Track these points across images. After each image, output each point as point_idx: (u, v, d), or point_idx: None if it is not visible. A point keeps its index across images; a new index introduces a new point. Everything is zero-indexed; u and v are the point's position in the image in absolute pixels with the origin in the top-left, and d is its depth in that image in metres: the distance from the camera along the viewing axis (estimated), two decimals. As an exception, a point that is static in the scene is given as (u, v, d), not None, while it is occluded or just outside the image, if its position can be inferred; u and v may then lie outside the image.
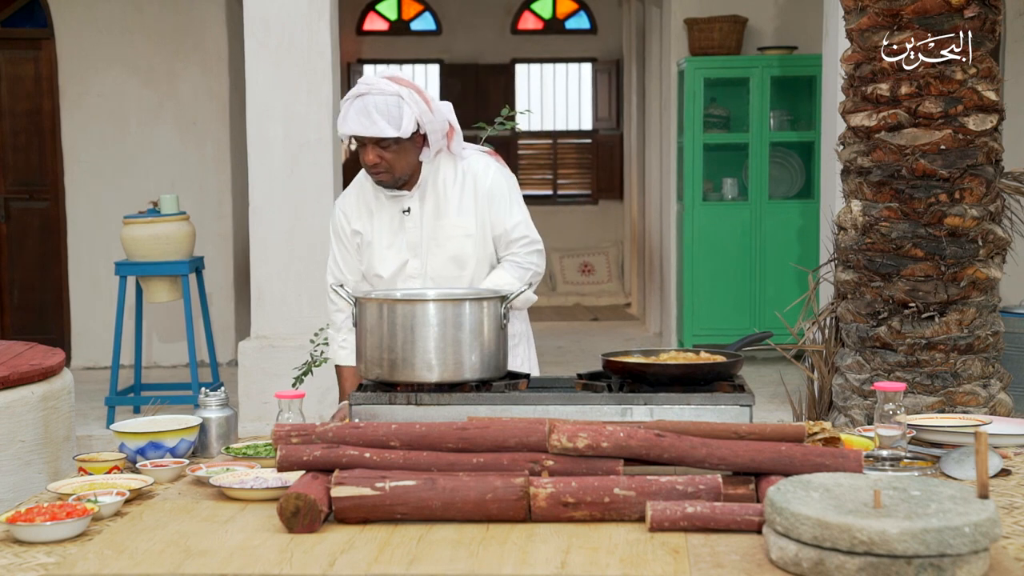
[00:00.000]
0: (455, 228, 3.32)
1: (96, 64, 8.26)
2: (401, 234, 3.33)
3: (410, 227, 3.33)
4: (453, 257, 3.32)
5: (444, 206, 3.33)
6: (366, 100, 3.17)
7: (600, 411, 2.75)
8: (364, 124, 3.17)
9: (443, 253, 3.32)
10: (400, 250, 3.33)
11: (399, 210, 3.33)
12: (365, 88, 3.19)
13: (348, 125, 3.19)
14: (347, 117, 3.19)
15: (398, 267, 3.32)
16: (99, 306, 8.10)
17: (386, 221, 3.34)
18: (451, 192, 3.34)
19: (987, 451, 1.93)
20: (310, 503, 2.12)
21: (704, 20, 7.95)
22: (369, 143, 3.20)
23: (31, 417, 3.94)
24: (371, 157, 3.21)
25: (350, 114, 3.19)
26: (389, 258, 3.33)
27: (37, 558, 2.03)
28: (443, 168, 3.35)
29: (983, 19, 4.21)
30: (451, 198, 3.34)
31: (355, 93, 3.20)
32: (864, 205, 4.40)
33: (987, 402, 4.33)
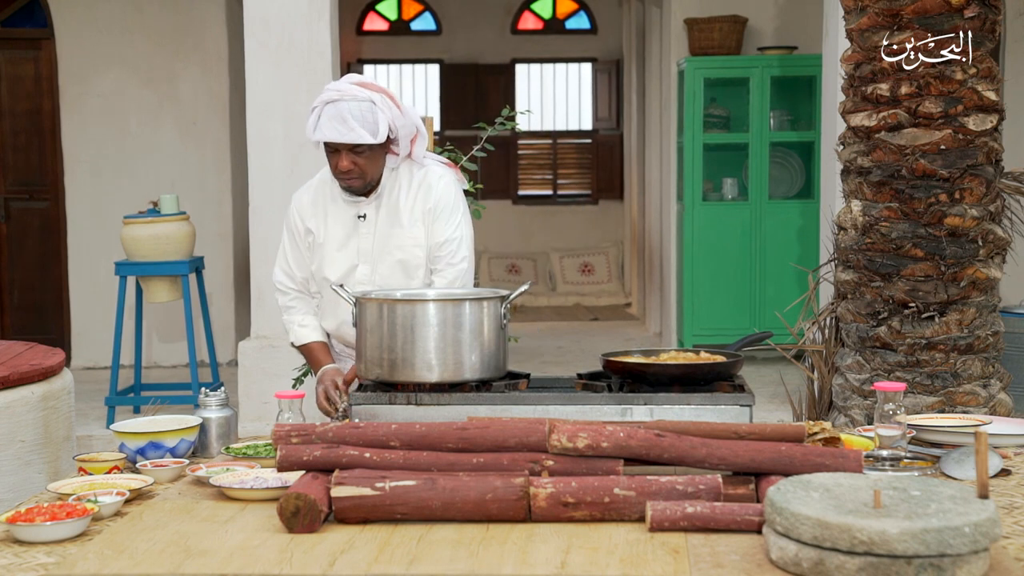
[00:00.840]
0: (407, 237, 3.31)
1: (96, 64, 8.26)
2: (354, 239, 3.32)
3: (363, 233, 3.32)
4: (402, 265, 3.31)
5: (397, 215, 3.32)
6: (339, 106, 3.14)
7: (600, 411, 2.76)
8: (340, 131, 3.13)
9: (392, 260, 3.31)
10: (351, 254, 3.32)
11: (354, 215, 3.33)
12: (336, 95, 3.15)
13: (323, 132, 3.15)
14: (320, 124, 3.15)
15: (347, 271, 3.32)
16: (99, 306, 8.10)
17: (340, 225, 3.33)
18: (405, 201, 3.32)
19: (987, 451, 1.93)
20: (310, 503, 2.12)
21: (704, 20, 7.95)
22: (344, 149, 3.18)
23: (31, 417, 3.94)
24: (345, 163, 3.19)
25: (323, 121, 3.15)
26: (339, 261, 3.32)
27: (37, 558, 2.03)
28: (401, 176, 3.34)
29: (983, 19, 4.21)
30: (404, 207, 3.32)
31: (325, 100, 3.16)
32: (864, 205, 4.40)
33: (987, 402, 4.33)
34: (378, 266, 3.31)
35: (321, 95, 3.18)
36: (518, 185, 12.30)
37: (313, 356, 3.39)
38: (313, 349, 3.40)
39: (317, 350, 3.39)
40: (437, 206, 3.32)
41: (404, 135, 3.25)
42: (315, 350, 3.39)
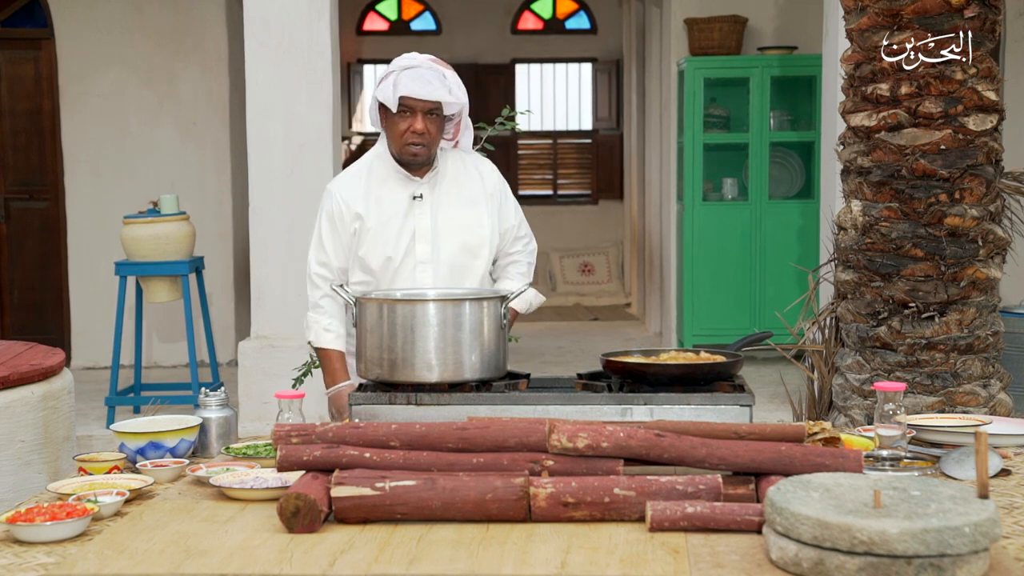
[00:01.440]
0: (470, 217, 3.34)
1: (96, 64, 8.26)
2: (411, 219, 3.31)
3: (420, 212, 3.31)
4: (465, 245, 3.33)
5: (457, 195, 3.35)
6: (418, 71, 3.20)
7: (600, 411, 2.75)
8: (426, 89, 3.18)
9: (456, 240, 3.32)
10: (407, 235, 3.31)
11: (408, 195, 3.32)
12: (412, 62, 3.23)
13: (408, 88, 3.18)
14: (400, 83, 3.19)
15: (404, 251, 3.30)
16: (99, 306, 8.10)
17: (393, 206, 3.31)
18: (462, 183, 3.37)
19: (987, 451, 1.93)
20: (310, 503, 2.12)
21: (704, 20, 7.95)
22: (420, 111, 3.21)
23: (31, 417, 3.94)
24: (420, 125, 3.21)
25: (403, 80, 3.19)
26: (394, 242, 3.30)
27: (37, 558, 2.03)
28: (449, 160, 3.39)
29: (983, 19, 4.21)
30: (463, 189, 3.36)
31: (402, 65, 3.22)
32: (864, 205, 4.40)
33: (987, 402, 4.33)
34: (442, 245, 3.32)
35: (394, 63, 3.24)
36: (518, 185, 12.30)
37: (329, 364, 3.35)
38: (331, 357, 3.36)
39: (335, 359, 3.35)
40: (498, 191, 3.42)
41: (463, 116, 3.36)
42: (332, 359, 3.35)
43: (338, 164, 6.31)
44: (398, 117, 3.23)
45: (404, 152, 3.27)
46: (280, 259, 6.17)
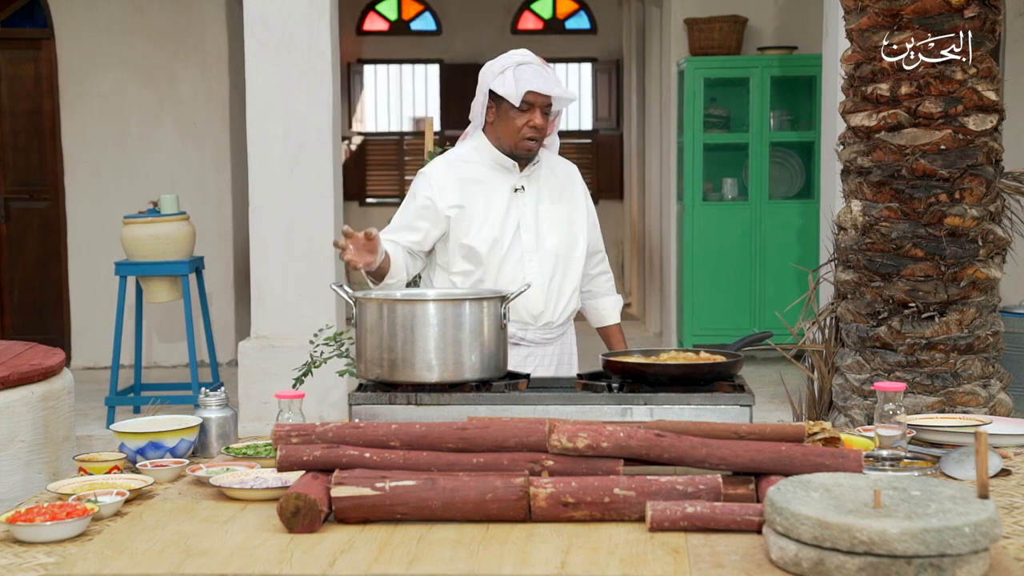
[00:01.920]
0: (567, 213, 3.42)
1: (96, 64, 8.26)
2: (514, 210, 3.35)
3: (522, 204, 3.36)
4: (565, 240, 3.39)
5: (556, 190, 3.42)
6: (534, 67, 3.28)
7: (600, 411, 2.76)
8: (549, 84, 3.26)
9: (557, 233, 3.38)
10: (514, 226, 3.34)
11: (510, 187, 3.36)
12: (525, 58, 3.30)
13: (534, 83, 3.24)
14: (524, 78, 3.24)
15: (510, 240, 3.32)
16: (99, 306, 8.10)
17: (496, 197, 3.34)
18: (560, 179, 3.46)
19: (987, 451, 1.93)
20: (310, 503, 2.12)
21: (704, 20, 7.95)
22: (540, 107, 3.28)
23: (31, 417, 3.94)
24: (540, 120, 3.29)
25: (526, 75, 3.25)
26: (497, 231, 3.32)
27: (37, 558, 2.03)
28: (544, 157, 3.45)
29: (983, 19, 4.21)
30: (561, 185, 3.45)
31: (516, 61, 3.28)
32: (864, 205, 4.40)
33: (987, 402, 4.33)
34: (544, 237, 3.36)
35: (503, 60, 3.30)
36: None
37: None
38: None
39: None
40: (585, 193, 3.52)
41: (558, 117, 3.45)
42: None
43: (338, 164, 6.31)
44: (516, 112, 3.29)
45: (520, 147, 3.33)
46: (280, 259, 6.17)
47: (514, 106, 3.27)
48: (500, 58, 3.34)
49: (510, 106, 3.29)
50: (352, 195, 11.77)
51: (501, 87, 3.28)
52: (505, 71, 3.27)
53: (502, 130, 3.34)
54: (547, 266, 3.35)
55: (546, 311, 3.36)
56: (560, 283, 3.37)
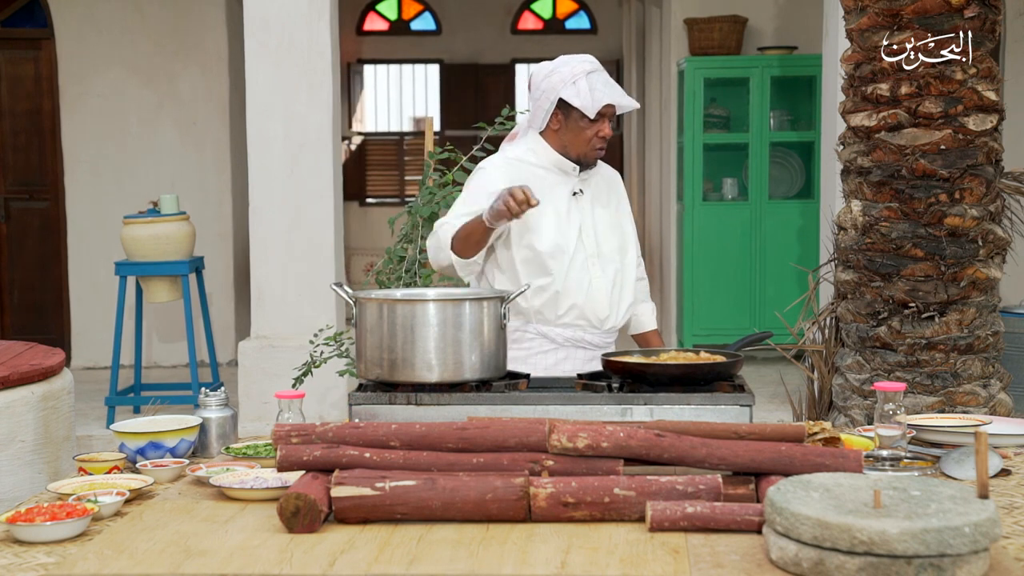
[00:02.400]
0: (618, 217, 3.40)
1: (96, 64, 8.26)
2: (574, 213, 3.31)
3: (580, 208, 3.33)
4: (619, 243, 3.37)
5: (606, 194, 3.41)
6: (603, 75, 3.27)
7: (600, 411, 2.76)
8: (619, 94, 3.25)
9: (613, 237, 3.36)
10: (576, 229, 3.30)
11: (568, 191, 3.32)
12: (593, 65, 3.27)
13: (610, 96, 3.22)
14: (598, 89, 3.22)
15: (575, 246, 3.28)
16: (99, 306, 8.10)
17: (555, 200, 3.28)
18: (607, 183, 3.44)
19: (987, 451, 1.93)
20: (310, 503, 2.12)
21: (704, 20, 7.95)
22: (608, 116, 3.27)
23: (31, 417, 3.94)
24: (608, 129, 3.28)
25: (599, 86, 3.23)
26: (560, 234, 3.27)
27: (37, 558, 2.03)
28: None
29: (983, 19, 4.21)
30: (612, 188, 3.44)
31: (586, 70, 3.24)
32: (864, 205, 4.40)
33: (987, 402, 4.33)
34: (602, 241, 3.33)
35: (568, 68, 3.24)
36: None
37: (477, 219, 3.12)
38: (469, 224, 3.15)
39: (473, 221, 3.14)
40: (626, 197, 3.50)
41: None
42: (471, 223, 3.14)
43: (338, 164, 6.31)
44: (587, 122, 3.25)
45: (589, 156, 3.29)
46: (280, 259, 6.17)
47: (585, 116, 3.23)
48: (565, 63, 3.26)
49: (581, 115, 3.24)
50: (352, 195, 11.78)
51: (575, 97, 3.21)
52: (577, 80, 3.22)
53: (569, 138, 3.28)
54: (608, 270, 3.31)
55: (611, 315, 3.31)
56: (620, 287, 3.34)
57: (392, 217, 4.72)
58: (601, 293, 3.29)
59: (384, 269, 4.65)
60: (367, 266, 11.33)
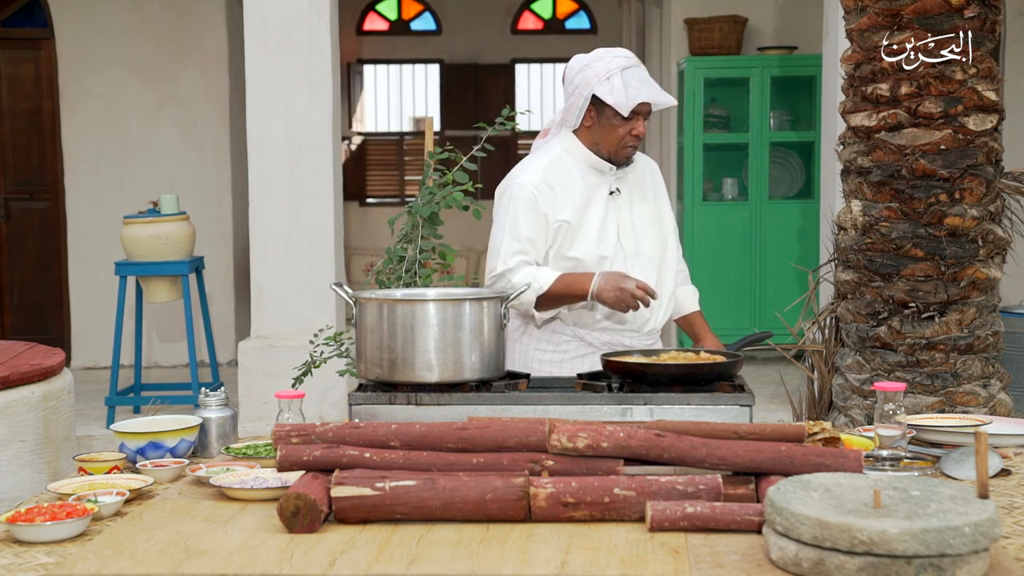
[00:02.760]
0: (656, 211, 3.32)
1: (96, 64, 8.26)
2: (612, 213, 3.24)
3: (618, 207, 3.25)
4: (659, 239, 3.30)
5: (641, 190, 3.32)
6: (640, 71, 3.14)
7: (600, 411, 2.76)
8: (656, 92, 3.12)
9: (652, 234, 3.29)
10: (614, 232, 3.23)
11: (604, 191, 3.24)
12: (629, 60, 3.14)
13: (646, 94, 3.10)
14: (633, 87, 3.09)
15: (614, 249, 3.21)
16: (99, 306, 8.10)
17: (593, 202, 3.22)
18: (644, 177, 3.35)
19: (987, 451, 1.93)
20: (310, 503, 2.12)
21: (704, 20, 7.95)
22: (643, 114, 3.16)
23: (31, 417, 3.94)
24: (642, 128, 3.17)
25: (635, 83, 3.10)
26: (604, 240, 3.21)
27: (37, 558, 2.03)
28: None
29: (983, 19, 4.21)
30: (645, 182, 3.34)
31: (621, 66, 3.12)
32: (864, 205, 4.40)
33: (987, 402, 4.33)
34: (641, 239, 3.27)
35: (604, 65, 3.13)
36: (518, 185, 12.27)
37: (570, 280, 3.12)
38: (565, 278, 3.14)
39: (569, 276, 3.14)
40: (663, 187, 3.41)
41: None
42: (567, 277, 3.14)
43: (338, 164, 6.31)
44: (621, 120, 3.14)
45: (621, 154, 3.20)
46: (280, 259, 6.17)
47: (619, 114, 3.13)
48: (600, 58, 3.17)
49: (614, 113, 3.13)
50: (352, 195, 11.77)
51: (609, 95, 3.11)
52: (611, 76, 3.11)
53: (601, 136, 3.19)
54: (648, 271, 3.24)
55: (652, 318, 3.26)
56: (659, 287, 3.25)
57: (392, 217, 4.72)
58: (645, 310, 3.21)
59: (384, 269, 4.64)
60: (367, 266, 11.34)
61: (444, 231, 4.61)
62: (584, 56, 3.24)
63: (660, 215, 3.33)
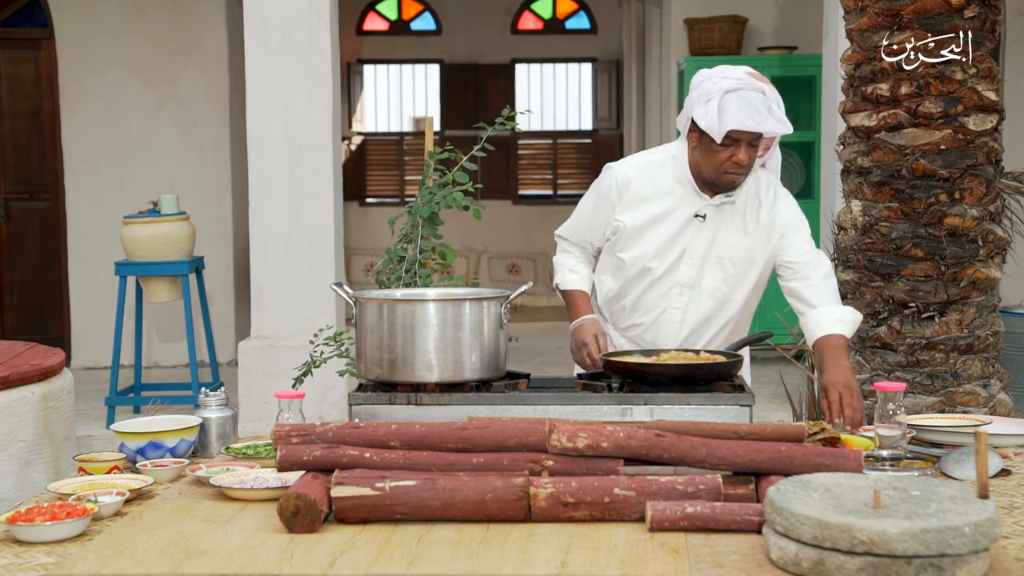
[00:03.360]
0: (744, 249, 3.14)
1: (96, 64, 8.26)
2: (685, 236, 3.13)
3: (698, 233, 3.12)
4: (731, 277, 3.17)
5: (738, 221, 3.13)
6: (745, 95, 2.96)
7: (600, 411, 2.76)
8: (756, 119, 2.94)
9: (724, 269, 3.15)
10: (677, 253, 3.14)
11: (691, 211, 3.12)
12: (737, 83, 2.98)
13: (738, 120, 2.93)
14: (728, 112, 2.94)
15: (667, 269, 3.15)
16: (99, 306, 8.10)
17: (672, 217, 3.12)
18: (747, 209, 3.14)
19: (987, 451, 1.93)
20: (310, 503, 2.12)
21: (704, 20, 7.95)
22: (745, 141, 2.98)
23: (31, 417, 3.94)
24: (745, 156, 2.98)
25: (731, 109, 2.94)
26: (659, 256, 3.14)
27: (37, 558, 2.03)
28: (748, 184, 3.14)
29: (983, 19, 4.21)
30: (746, 215, 3.14)
31: (724, 88, 2.97)
32: (864, 205, 4.40)
33: (987, 402, 4.33)
34: (707, 271, 3.15)
35: (711, 85, 3.00)
36: (518, 185, 12.30)
37: (572, 302, 3.25)
38: (575, 296, 3.25)
39: (578, 298, 3.24)
40: (786, 221, 3.16)
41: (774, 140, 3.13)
42: (576, 298, 3.24)
43: (338, 164, 6.31)
44: (719, 146, 2.99)
45: (722, 179, 3.05)
46: (280, 259, 6.17)
47: (717, 143, 2.98)
48: (710, 77, 3.03)
49: (711, 138, 2.99)
50: (352, 195, 11.77)
51: (703, 118, 2.98)
52: (711, 99, 2.97)
53: (703, 159, 3.05)
54: (697, 303, 3.17)
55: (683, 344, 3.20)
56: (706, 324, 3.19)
57: (392, 217, 4.71)
58: (671, 325, 3.18)
59: (384, 269, 4.64)
60: (367, 266, 11.34)
61: (444, 231, 4.60)
62: (705, 71, 3.11)
63: (751, 256, 3.15)
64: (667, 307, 3.19)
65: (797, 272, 3.16)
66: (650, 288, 3.18)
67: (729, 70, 3.04)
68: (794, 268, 3.16)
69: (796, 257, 3.15)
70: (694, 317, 3.19)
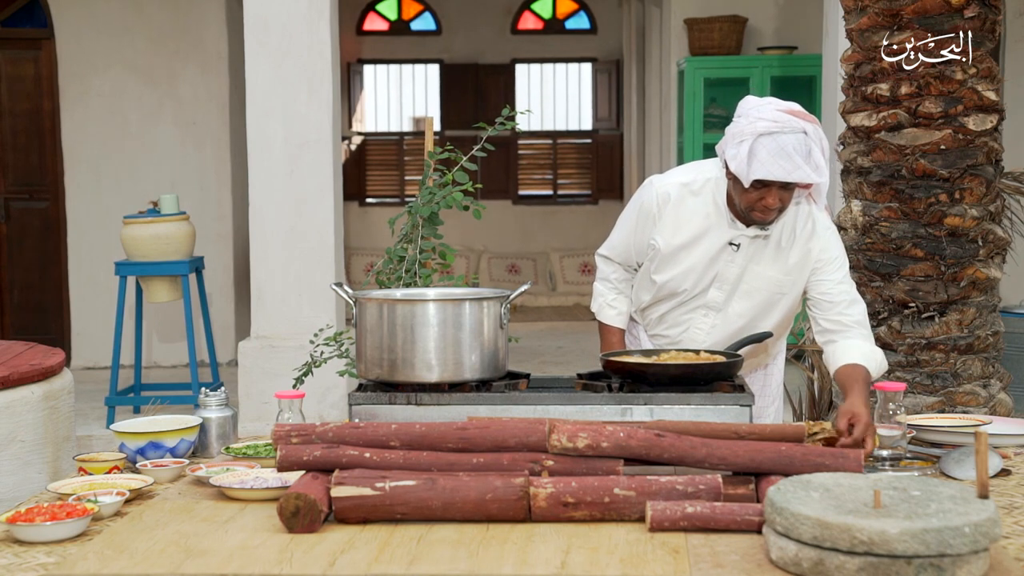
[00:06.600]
0: (777, 282, 3.09)
1: (96, 64, 8.26)
2: (718, 264, 3.09)
3: (730, 261, 3.08)
4: (761, 307, 3.12)
5: (773, 253, 3.08)
6: (779, 140, 2.84)
7: (600, 411, 2.75)
8: (787, 168, 2.83)
9: (755, 299, 3.12)
10: (708, 280, 3.11)
11: (726, 239, 3.07)
12: (773, 126, 2.86)
13: (766, 169, 2.84)
14: (758, 160, 2.85)
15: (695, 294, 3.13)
16: (99, 306, 8.10)
17: (706, 243, 3.08)
18: (784, 240, 3.07)
19: (987, 451, 1.93)
20: (310, 503, 2.12)
21: (704, 20, 7.96)
22: (776, 186, 2.89)
23: (31, 417, 3.94)
24: (774, 201, 2.90)
25: (762, 156, 2.85)
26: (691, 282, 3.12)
27: (37, 558, 2.03)
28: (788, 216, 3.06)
29: (983, 19, 4.21)
30: (782, 247, 3.07)
31: (759, 131, 2.86)
32: (864, 205, 4.40)
33: (987, 402, 4.33)
34: (736, 299, 3.12)
35: (746, 124, 2.90)
36: (518, 185, 12.31)
37: (607, 337, 3.29)
38: (611, 332, 3.28)
39: (614, 334, 3.27)
40: (820, 257, 3.06)
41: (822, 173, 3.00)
42: (612, 333, 3.27)
43: (338, 164, 6.31)
44: (751, 187, 2.91)
45: (751, 216, 2.99)
46: (280, 259, 6.17)
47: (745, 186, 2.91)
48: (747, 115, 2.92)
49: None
50: (352, 195, 11.78)
51: (733, 160, 2.90)
52: (744, 141, 2.87)
53: (735, 193, 2.99)
54: (723, 324, 3.15)
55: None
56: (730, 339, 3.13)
57: (392, 217, 4.71)
58: (691, 344, 3.18)
59: (384, 269, 4.64)
60: (367, 266, 11.34)
61: (444, 231, 4.60)
62: (752, 100, 3.01)
63: (781, 288, 3.10)
64: (691, 325, 3.21)
65: (828, 311, 3.08)
66: (678, 306, 3.20)
67: (769, 107, 2.92)
68: (825, 306, 3.08)
69: (829, 294, 3.07)
70: (721, 333, 3.18)
